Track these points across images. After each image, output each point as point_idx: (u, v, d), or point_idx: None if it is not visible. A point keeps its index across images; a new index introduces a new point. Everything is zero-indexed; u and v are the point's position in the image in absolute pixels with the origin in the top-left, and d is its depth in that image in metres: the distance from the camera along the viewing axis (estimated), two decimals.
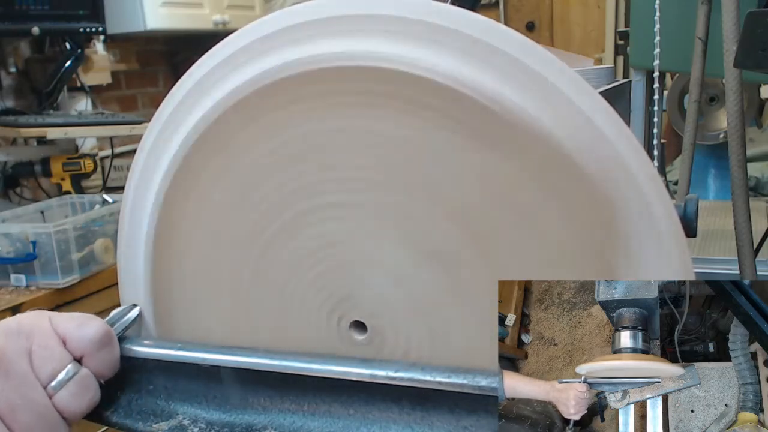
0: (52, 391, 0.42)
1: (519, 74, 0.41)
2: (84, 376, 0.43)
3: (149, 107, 2.85)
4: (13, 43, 2.28)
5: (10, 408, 0.40)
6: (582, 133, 0.40)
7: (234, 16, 2.77)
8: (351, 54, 0.43)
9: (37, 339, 0.43)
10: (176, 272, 0.51)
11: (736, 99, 0.79)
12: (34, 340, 0.43)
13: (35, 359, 0.42)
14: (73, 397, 0.43)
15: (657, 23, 0.95)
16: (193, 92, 0.48)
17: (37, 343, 0.43)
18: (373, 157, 0.44)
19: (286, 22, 0.45)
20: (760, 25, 0.64)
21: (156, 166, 0.50)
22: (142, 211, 0.51)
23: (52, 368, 0.42)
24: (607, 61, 3.85)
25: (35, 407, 0.41)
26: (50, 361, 0.42)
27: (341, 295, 0.47)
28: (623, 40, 1.63)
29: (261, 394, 0.46)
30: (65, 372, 0.43)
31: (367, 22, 0.43)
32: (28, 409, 0.41)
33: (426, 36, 0.42)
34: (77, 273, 1.66)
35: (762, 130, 2.04)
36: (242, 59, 0.46)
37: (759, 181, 1.93)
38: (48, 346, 0.43)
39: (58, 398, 0.42)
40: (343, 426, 0.43)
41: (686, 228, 0.46)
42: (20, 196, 2.26)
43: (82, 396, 0.43)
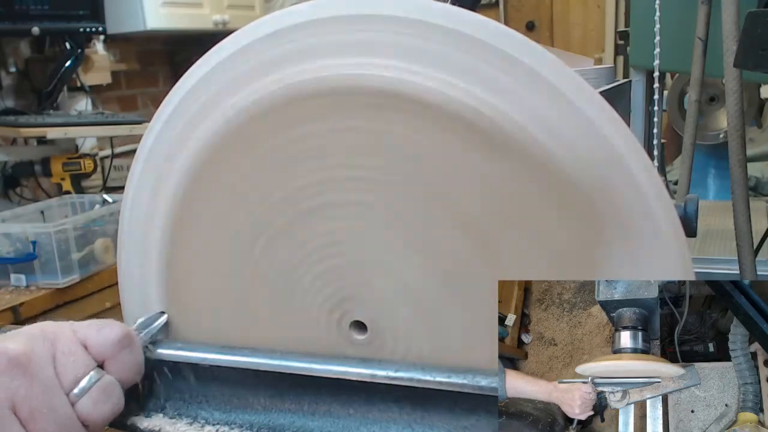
0: (74, 398, 0.41)
1: (521, 84, 0.41)
2: (107, 383, 0.43)
3: (149, 107, 2.85)
4: (13, 43, 2.28)
5: (31, 415, 0.40)
6: (583, 138, 0.40)
7: (234, 16, 2.77)
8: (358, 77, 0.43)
9: (60, 345, 0.42)
10: (180, 273, 0.51)
11: (736, 99, 0.79)
12: (58, 346, 0.42)
13: (59, 366, 0.41)
14: (95, 405, 0.42)
15: (657, 23, 0.95)
16: (195, 93, 0.48)
17: (61, 349, 0.42)
18: (380, 158, 0.44)
19: (289, 22, 0.45)
20: (760, 25, 0.64)
21: (158, 167, 0.50)
22: (145, 211, 0.51)
23: (75, 375, 0.42)
24: (607, 61, 3.85)
25: (57, 417, 0.40)
26: (73, 367, 0.42)
27: (342, 295, 0.47)
28: (623, 40, 1.63)
29: (261, 394, 0.46)
30: (88, 378, 0.42)
31: (373, 24, 0.43)
32: (50, 417, 0.40)
33: (435, 53, 0.42)
34: (77, 273, 1.66)
35: (762, 130, 2.04)
36: (245, 60, 0.46)
37: (759, 181, 1.93)
38: (71, 352, 0.42)
39: (81, 406, 0.41)
40: (343, 426, 0.43)
41: (686, 228, 0.45)
42: (20, 196, 2.26)
43: (104, 403, 0.42)
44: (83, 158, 2.19)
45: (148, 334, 0.48)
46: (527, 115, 0.40)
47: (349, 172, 0.44)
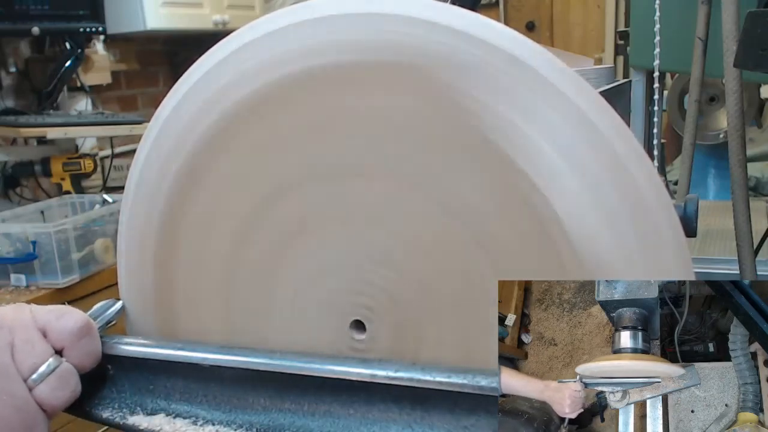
0: (32, 384, 0.42)
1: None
2: (64, 370, 0.44)
3: (149, 107, 2.85)
4: (13, 43, 2.28)
5: None
6: (580, 137, 0.40)
7: (234, 15, 2.77)
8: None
9: (18, 333, 0.43)
10: (179, 272, 0.51)
11: (736, 99, 0.79)
12: (16, 333, 0.43)
13: (17, 353, 0.42)
14: (53, 391, 0.43)
15: (657, 23, 0.95)
16: (194, 93, 0.48)
17: (19, 336, 0.43)
18: (377, 147, 0.44)
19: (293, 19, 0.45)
20: (760, 25, 0.64)
21: (158, 167, 0.50)
22: (144, 211, 0.51)
23: (33, 362, 0.43)
24: (607, 61, 3.85)
25: (14, 401, 0.41)
26: (31, 354, 0.43)
27: (342, 295, 0.47)
28: (623, 40, 1.64)
29: (261, 394, 0.46)
30: (46, 365, 0.43)
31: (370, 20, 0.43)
32: (7, 402, 0.41)
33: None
34: (77, 273, 1.66)
35: (762, 130, 2.04)
36: (245, 58, 0.46)
37: (759, 181, 1.93)
38: (29, 339, 0.43)
39: (38, 391, 0.42)
40: (343, 426, 0.43)
41: (686, 228, 0.46)
42: (20, 196, 2.26)
43: (62, 389, 0.43)
44: (83, 158, 2.19)
45: (102, 320, 0.49)
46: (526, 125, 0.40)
47: (339, 164, 0.44)
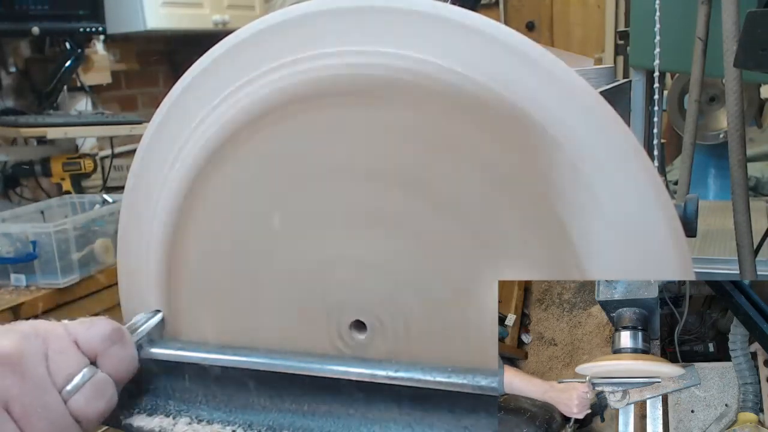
0: (66, 395, 0.41)
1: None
2: (99, 380, 0.43)
3: (149, 107, 2.85)
4: (13, 43, 2.28)
5: (24, 413, 0.40)
6: (582, 134, 0.40)
7: (234, 16, 2.77)
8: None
9: (52, 343, 0.42)
10: (179, 273, 0.51)
11: (736, 99, 0.79)
12: (50, 344, 0.42)
13: (51, 363, 0.41)
14: (88, 401, 0.42)
15: (657, 23, 0.95)
16: (194, 92, 0.48)
17: (53, 347, 0.42)
18: (377, 149, 0.44)
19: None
20: (760, 25, 0.64)
21: (158, 167, 0.50)
22: (145, 211, 0.51)
23: (67, 372, 0.41)
24: (607, 61, 3.85)
25: (49, 414, 0.40)
26: (66, 364, 0.42)
27: (342, 295, 0.47)
28: (623, 40, 1.64)
29: (261, 394, 0.46)
30: (81, 375, 0.42)
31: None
32: (42, 415, 0.40)
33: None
34: (77, 273, 1.66)
35: (762, 130, 2.04)
36: (247, 59, 0.46)
37: (759, 181, 1.93)
38: (63, 349, 0.42)
39: (73, 402, 0.41)
40: (343, 426, 0.43)
41: (686, 228, 0.45)
42: (20, 196, 2.26)
43: (97, 399, 0.42)
44: (83, 158, 2.19)
45: (143, 332, 0.48)
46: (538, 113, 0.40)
47: (347, 169, 0.44)
